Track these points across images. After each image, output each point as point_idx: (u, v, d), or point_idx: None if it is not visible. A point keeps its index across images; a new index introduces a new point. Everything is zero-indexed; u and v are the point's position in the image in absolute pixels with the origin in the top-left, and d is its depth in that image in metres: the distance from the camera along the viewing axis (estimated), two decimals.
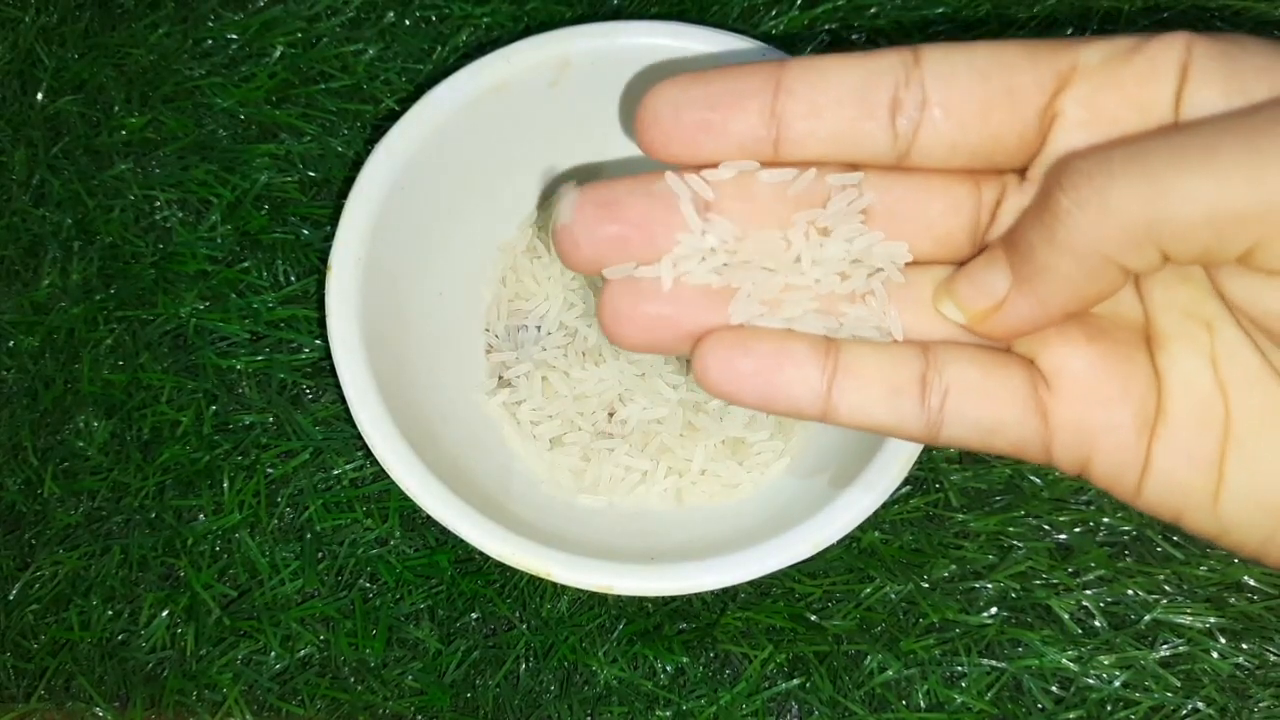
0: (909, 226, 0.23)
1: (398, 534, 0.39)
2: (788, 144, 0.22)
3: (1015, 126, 0.21)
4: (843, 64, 0.21)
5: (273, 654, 0.38)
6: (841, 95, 0.21)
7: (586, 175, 0.41)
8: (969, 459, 0.40)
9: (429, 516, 0.33)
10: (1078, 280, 0.20)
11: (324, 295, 0.35)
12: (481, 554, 0.34)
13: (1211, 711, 0.37)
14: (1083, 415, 0.21)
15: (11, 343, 0.41)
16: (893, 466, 0.33)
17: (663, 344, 0.23)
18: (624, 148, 0.40)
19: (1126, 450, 0.21)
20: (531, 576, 0.37)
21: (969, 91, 0.21)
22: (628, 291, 0.23)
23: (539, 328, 0.40)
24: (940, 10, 0.44)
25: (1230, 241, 0.18)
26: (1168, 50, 0.20)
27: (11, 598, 0.39)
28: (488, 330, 0.40)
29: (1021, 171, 0.22)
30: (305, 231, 0.42)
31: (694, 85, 0.22)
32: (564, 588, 0.38)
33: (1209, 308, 0.21)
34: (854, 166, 0.23)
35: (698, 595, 0.38)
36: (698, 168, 0.23)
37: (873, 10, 0.44)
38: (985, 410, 0.22)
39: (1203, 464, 0.21)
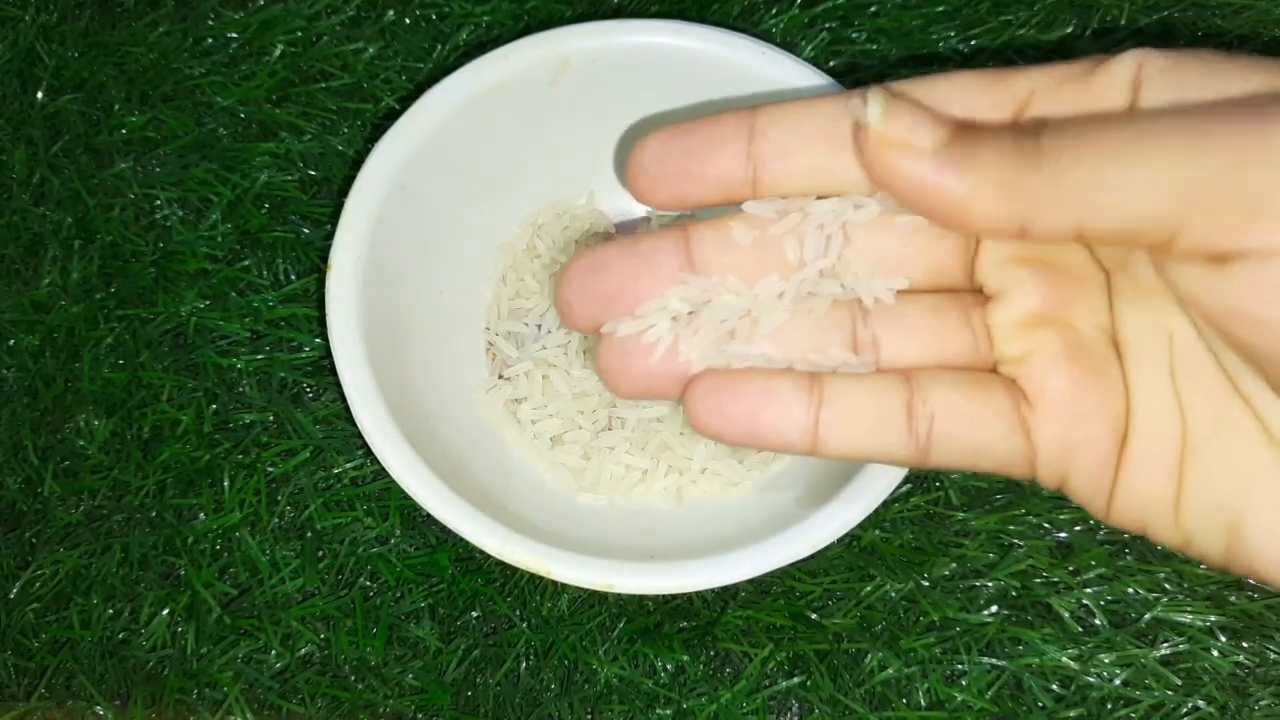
0: (896, 260, 0.24)
1: (398, 533, 0.39)
2: (765, 184, 0.23)
3: None
4: (810, 106, 0.22)
5: (273, 653, 0.38)
6: (809, 133, 0.22)
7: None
8: None
9: (429, 515, 0.33)
10: (988, 206, 0.20)
11: (324, 294, 0.35)
12: (482, 553, 0.34)
13: (1212, 710, 0.37)
14: (1063, 432, 0.22)
15: (12, 341, 0.41)
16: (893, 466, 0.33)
17: (658, 392, 0.24)
18: (623, 147, 0.40)
19: (1101, 465, 0.22)
20: (532, 575, 0.37)
21: None
22: (616, 349, 0.24)
23: (539, 326, 0.40)
24: (941, 9, 0.44)
25: (1159, 226, 0.19)
26: (1121, 68, 0.20)
27: (12, 596, 0.39)
28: (488, 329, 0.40)
29: None
30: (305, 230, 0.42)
31: (675, 137, 0.23)
32: (564, 586, 0.38)
33: (1173, 319, 0.21)
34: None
35: (698, 594, 0.38)
36: (685, 209, 0.24)
37: (873, 9, 0.44)
38: (972, 433, 0.22)
39: (1163, 475, 0.21)
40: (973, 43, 0.44)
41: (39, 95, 0.44)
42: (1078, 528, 0.39)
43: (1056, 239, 0.20)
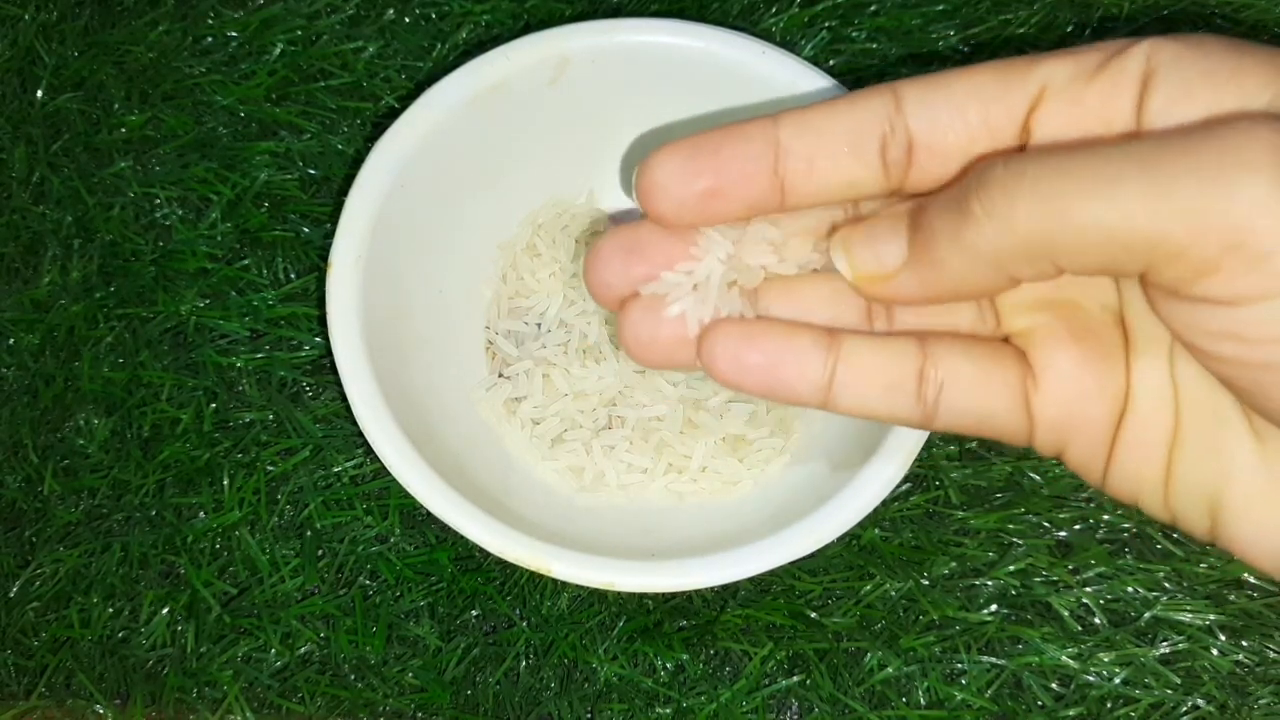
0: None
1: (398, 531, 0.39)
2: (791, 198, 0.23)
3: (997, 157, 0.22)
4: (830, 116, 0.22)
5: (273, 651, 0.38)
6: (835, 149, 0.22)
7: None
8: (969, 456, 0.40)
9: (429, 513, 0.33)
10: (969, 277, 0.21)
11: (324, 293, 0.35)
12: (482, 551, 0.34)
13: (1211, 709, 0.37)
14: (1062, 410, 0.22)
15: (12, 340, 0.41)
16: (893, 463, 0.33)
17: (686, 363, 0.24)
18: (623, 146, 0.40)
19: (1097, 443, 0.22)
20: (532, 574, 0.37)
21: (951, 132, 0.22)
22: (647, 316, 0.24)
23: (539, 325, 0.40)
24: (940, 7, 0.44)
25: (1124, 265, 0.19)
26: (1130, 62, 0.20)
27: (12, 595, 0.39)
28: (488, 328, 0.40)
29: None
30: (305, 229, 0.42)
31: (697, 156, 0.23)
32: (564, 585, 0.38)
33: None
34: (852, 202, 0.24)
35: (698, 592, 0.38)
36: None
37: (873, 8, 0.44)
38: (978, 403, 0.23)
39: (1154, 458, 0.22)
40: (972, 42, 0.44)
41: (39, 94, 0.44)
42: (1077, 527, 0.39)
43: (1040, 280, 0.21)
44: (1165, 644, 0.38)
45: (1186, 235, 0.18)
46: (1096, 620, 0.38)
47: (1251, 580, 0.38)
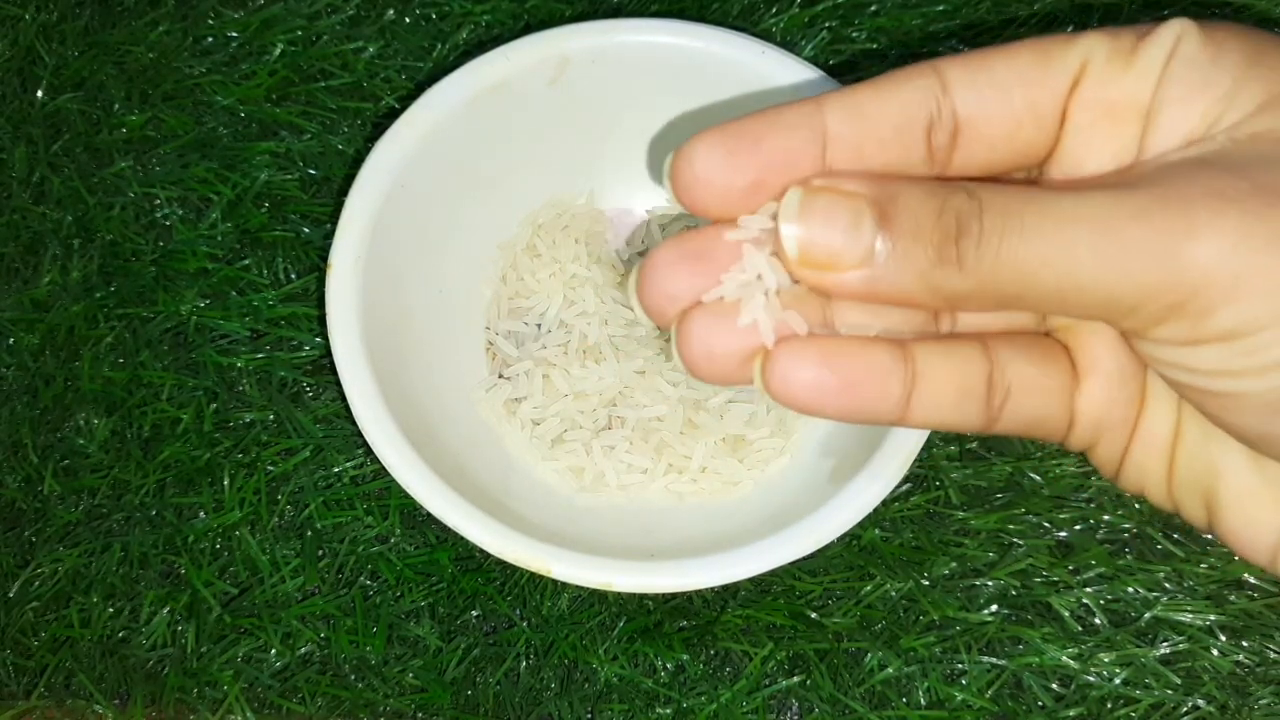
0: None
1: (398, 531, 0.39)
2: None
3: (1039, 138, 0.22)
4: (878, 99, 0.21)
5: (273, 651, 0.38)
6: (883, 136, 0.21)
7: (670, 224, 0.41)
8: (969, 456, 0.40)
9: (429, 514, 0.33)
10: (923, 302, 0.21)
11: (324, 293, 0.35)
12: (482, 552, 0.34)
13: (1212, 709, 0.37)
14: (1102, 414, 0.23)
15: (12, 340, 0.41)
16: (893, 463, 0.33)
17: (749, 378, 0.22)
18: (623, 147, 0.40)
19: (1122, 441, 0.23)
20: (532, 574, 0.37)
21: (997, 117, 0.21)
22: (718, 326, 0.22)
23: (539, 326, 0.40)
24: (940, 8, 0.44)
25: (1084, 315, 0.20)
26: (1160, 45, 0.21)
27: (12, 595, 0.39)
28: (488, 328, 0.40)
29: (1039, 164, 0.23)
30: (305, 229, 0.42)
31: (743, 148, 0.21)
32: (564, 585, 0.38)
33: None
34: None
35: (698, 593, 0.38)
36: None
37: (873, 8, 0.44)
38: (1038, 407, 0.23)
39: (1159, 455, 0.23)
40: (973, 42, 0.44)
41: (39, 94, 0.44)
42: (1078, 527, 0.39)
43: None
44: (1165, 644, 0.38)
45: (1136, 297, 0.19)
46: (1097, 620, 0.38)
47: (1252, 580, 0.38)
